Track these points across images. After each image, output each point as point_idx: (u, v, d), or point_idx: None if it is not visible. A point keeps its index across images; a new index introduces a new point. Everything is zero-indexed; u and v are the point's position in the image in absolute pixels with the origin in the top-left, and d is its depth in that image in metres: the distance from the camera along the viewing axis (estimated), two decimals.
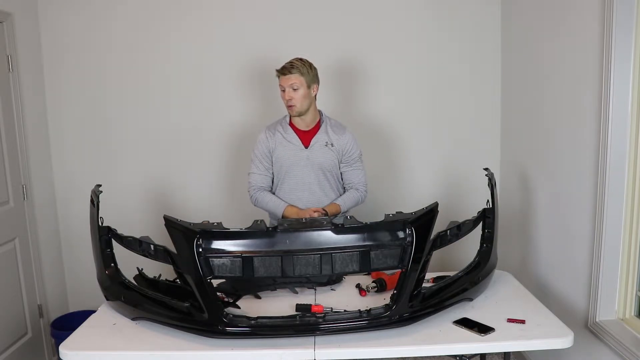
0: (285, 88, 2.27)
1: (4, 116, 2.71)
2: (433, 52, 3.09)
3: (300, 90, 2.27)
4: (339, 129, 2.43)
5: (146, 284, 2.04)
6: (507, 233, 2.95)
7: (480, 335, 1.74)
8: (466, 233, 2.03)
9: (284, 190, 2.39)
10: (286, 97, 2.27)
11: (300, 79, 2.26)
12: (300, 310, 1.86)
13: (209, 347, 1.70)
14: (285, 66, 2.27)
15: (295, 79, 2.26)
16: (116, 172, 3.15)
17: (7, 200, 2.73)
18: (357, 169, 2.44)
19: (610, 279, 2.05)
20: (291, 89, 2.26)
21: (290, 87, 2.26)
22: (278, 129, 2.41)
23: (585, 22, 2.12)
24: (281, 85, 2.29)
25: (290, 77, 2.25)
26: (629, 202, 2.00)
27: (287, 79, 2.26)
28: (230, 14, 3.04)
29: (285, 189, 2.39)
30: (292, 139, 2.37)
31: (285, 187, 2.38)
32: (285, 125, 2.41)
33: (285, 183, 2.38)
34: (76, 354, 1.71)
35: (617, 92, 1.94)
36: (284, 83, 2.27)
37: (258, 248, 1.75)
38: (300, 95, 2.28)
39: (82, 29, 3.04)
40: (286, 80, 2.26)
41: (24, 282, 2.84)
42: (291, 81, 2.26)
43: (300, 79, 2.26)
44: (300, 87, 2.27)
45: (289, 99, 2.27)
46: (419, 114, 3.15)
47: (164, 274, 2.12)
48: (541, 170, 2.60)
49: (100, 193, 1.98)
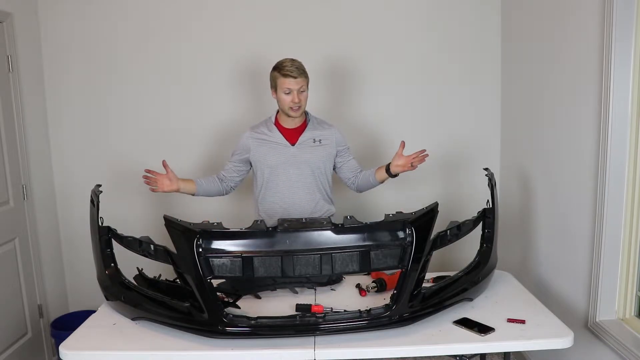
0: (292, 90, 2.24)
1: (4, 116, 2.71)
2: (433, 53, 3.09)
3: (305, 92, 2.29)
4: (326, 125, 2.45)
5: (146, 284, 2.04)
6: (507, 233, 2.95)
7: (480, 335, 1.74)
8: (466, 233, 2.03)
9: (270, 190, 2.37)
10: (294, 100, 2.24)
11: (306, 81, 2.28)
12: (300, 310, 1.86)
13: (209, 347, 1.70)
14: (293, 69, 2.23)
15: (303, 81, 2.26)
16: (116, 172, 3.15)
17: (7, 200, 2.73)
18: (353, 159, 2.47)
19: (610, 279, 2.05)
20: (300, 91, 2.25)
21: (299, 90, 2.25)
22: (262, 129, 2.39)
23: (585, 22, 2.12)
24: (288, 87, 2.24)
25: (299, 80, 2.24)
26: (629, 202, 2.00)
27: (297, 82, 2.23)
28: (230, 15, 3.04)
29: (270, 189, 2.37)
30: (277, 138, 2.36)
31: (274, 187, 2.37)
32: (270, 125, 2.39)
33: (270, 182, 2.36)
34: (76, 354, 1.71)
35: (617, 92, 1.94)
36: (294, 86, 2.23)
37: (258, 248, 1.75)
38: (306, 98, 2.30)
39: (82, 29, 3.04)
40: (296, 84, 2.23)
41: (24, 282, 2.84)
42: (300, 84, 2.24)
43: (306, 81, 2.28)
44: (306, 90, 2.29)
45: (297, 102, 2.25)
46: (418, 114, 3.15)
47: (164, 274, 2.12)
48: (541, 170, 2.60)
49: (100, 193, 1.98)
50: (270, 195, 2.38)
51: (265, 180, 2.38)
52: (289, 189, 2.35)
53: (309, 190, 2.37)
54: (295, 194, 2.35)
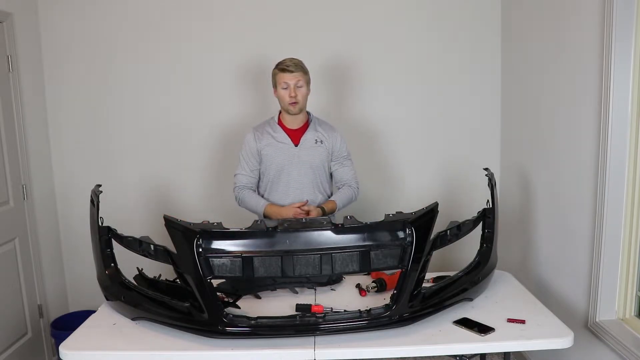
0: (289, 85, 2.28)
1: (4, 116, 2.71)
2: (433, 53, 3.09)
3: (303, 88, 2.31)
4: (328, 127, 2.46)
5: (146, 284, 2.04)
6: (507, 233, 2.95)
7: (480, 335, 1.74)
8: (466, 233, 2.03)
9: (276, 191, 2.38)
10: (291, 94, 2.28)
11: (304, 77, 2.30)
12: (300, 310, 1.86)
13: (209, 347, 1.70)
14: (290, 64, 2.28)
15: (301, 76, 2.29)
16: (116, 172, 3.15)
17: (7, 200, 2.73)
18: (348, 167, 2.46)
19: (610, 279, 2.05)
20: (296, 86, 2.28)
21: (296, 84, 2.28)
22: (267, 129, 2.41)
23: (585, 22, 2.12)
24: (285, 82, 2.28)
25: (296, 75, 2.27)
26: (629, 202, 2.00)
27: (294, 76, 2.27)
28: (231, 14, 3.04)
29: (277, 190, 2.38)
30: (282, 138, 2.37)
31: (277, 188, 2.37)
32: (274, 125, 2.41)
33: (277, 183, 2.37)
34: (76, 354, 1.71)
35: (617, 92, 1.94)
36: (290, 80, 2.27)
37: (258, 248, 1.75)
38: (304, 93, 2.31)
39: (82, 29, 3.04)
40: (292, 78, 2.27)
41: (24, 282, 2.84)
42: (297, 78, 2.28)
43: (304, 77, 2.30)
44: (304, 85, 2.30)
45: (294, 96, 2.28)
46: (418, 114, 3.15)
47: (164, 274, 2.12)
48: (541, 170, 2.60)
49: (100, 193, 1.98)
50: (274, 196, 2.38)
51: (270, 181, 2.38)
52: (292, 189, 2.36)
53: (311, 191, 2.38)
54: (297, 195, 2.36)
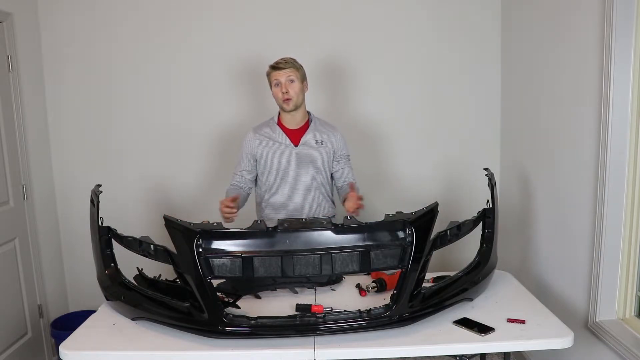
0: (281, 81, 2.28)
1: (4, 116, 2.71)
2: (433, 53, 3.09)
3: (296, 83, 2.30)
4: (329, 127, 2.45)
5: (146, 284, 2.04)
6: (507, 233, 2.95)
7: (480, 335, 1.74)
8: (466, 233, 2.03)
9: (278, 192, 2.37)
10: (282, 90, 2.28)
11: (296, 72, 2.30)
12: (300, 310, 1.86)
13: (209, 347, 1.70)
14: (280, 61, 2.30)
15: (292, 72, 2.29)
16: (116, 172, 3.15)
17: (7, 200, 2.73)
18: (349, 167, 2.47)
19: (610, 279, 2.05)
20: (288, 81, 2.28)
21: (287, 80, 2.28)
22: (265, 130, 2.40)
23: (585, 22, 2.12)
24: (276, 79, 2.29)
25: (286, 71, 2.28)
26: (629, 202, 2.00)
27: (284, 72, 2.28)
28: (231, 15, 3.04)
29: (279, 190, 2.37)
30: (281, 139, 2.37)
31: (279, 188, 2.37)
32: (273, 126, 2.40)
33: (278, 184, 2.37)
34: (76, 354, 1.71)
35: (617, 92, 1.94)
36: (280, 76, 2.28)
37: (258, 248, 1.75)
38: (296, 89, 2.30)
39: (82, 29, 3.04)
40: (282, 74, 2.28)
41: (24, 282, 2.84)
42: (288, 74, 2.28)
43: (296, 72, 2.30)
44: (296, 80, 2.30)
45: (285, 92, 2.28)
46: (418, 114, 3.15)
47: (164, 274, 2.12)
48: (541, 170, 2.60)
49: (100, 193, 1.98)
50: (275, 197, 2.38)
51: (271, 182, 2.38)
52: (293, 190, 2.36)
53: (312, 192, 2.38)
54: (298, 196, 2.36)
